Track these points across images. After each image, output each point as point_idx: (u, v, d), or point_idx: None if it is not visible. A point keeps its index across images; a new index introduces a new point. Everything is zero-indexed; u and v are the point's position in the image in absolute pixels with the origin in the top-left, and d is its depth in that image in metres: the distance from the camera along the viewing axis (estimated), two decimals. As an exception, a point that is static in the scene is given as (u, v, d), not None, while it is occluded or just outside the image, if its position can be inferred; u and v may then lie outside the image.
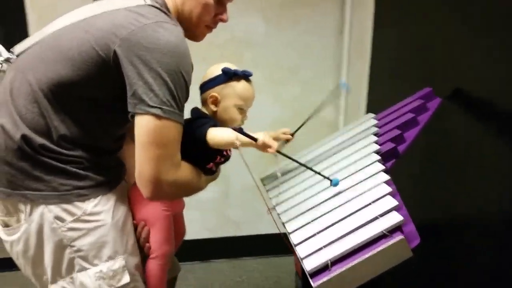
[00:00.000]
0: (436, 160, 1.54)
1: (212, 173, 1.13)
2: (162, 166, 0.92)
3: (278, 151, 0.99)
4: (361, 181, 1.11)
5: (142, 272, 1.07)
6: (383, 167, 1.12)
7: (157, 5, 0.98)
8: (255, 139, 0.99)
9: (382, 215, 0.97)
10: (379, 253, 0.91)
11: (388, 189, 1.03)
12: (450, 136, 1.43)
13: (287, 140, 1.30)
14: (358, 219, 0.99)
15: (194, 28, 1.07)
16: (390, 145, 1.21)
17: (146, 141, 0.90)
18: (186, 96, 0.95)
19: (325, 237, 0.99)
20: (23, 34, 1.88)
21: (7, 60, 0.97)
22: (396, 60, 1.81)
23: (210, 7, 1.04)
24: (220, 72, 1.09)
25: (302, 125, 1.31)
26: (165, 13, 0.98)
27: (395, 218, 0.94)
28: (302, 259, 0.97)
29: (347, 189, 1.11)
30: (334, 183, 1.09)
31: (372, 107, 2.01)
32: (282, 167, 1.37)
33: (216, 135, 1.02)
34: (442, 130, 1.46)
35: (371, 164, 1.15)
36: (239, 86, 1.10)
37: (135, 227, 1.08)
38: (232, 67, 1.11)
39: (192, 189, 1.06)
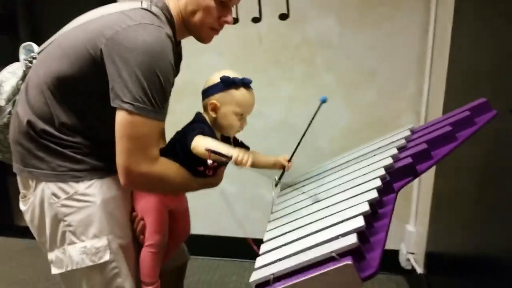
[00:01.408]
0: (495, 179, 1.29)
1: (205, 177, 1.15)
2: (132, 158, 0.98)
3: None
4: (349, 198, 1.00)
5: (132, 257, 1.15)
6: (378, 184, 0.99)
7: (153, 8, 1.04)
8: (229, 157, 0.98)
9: (343, 235, 0.87)
10: (323, 275, 0.81)
11: (366, 208, 0.91)
12: None
13: (283, 167, 1.24)
14: (321, 237, 0.90)
15: (198, 30, 1.11)
16: (407, 161, 1.06)
17: (120, 133, 0.98)
18: (164, 95, 1.00)
19: (283, 252, 0.93)
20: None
21: (34, 58, 1.14)
22: (473, 62, 1.54)
23: (212, 10, 1.07)
24: (219, 80, 1.11)
25: (296, 148, 1.22)
26: (156, 16, 1.03)
27: (350, 240, 0.83)
28: (254, 269, 0.93)
29: (332, 204, 1.01)
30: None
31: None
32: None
33: (197, 145, 1.04)
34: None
35: (371, 180, 1.03)
36: (238, 94, 1.11)
37: (135, 218, 1.17)
38: (232, 74, 1.12)
39: (173, 186, 1.10)
